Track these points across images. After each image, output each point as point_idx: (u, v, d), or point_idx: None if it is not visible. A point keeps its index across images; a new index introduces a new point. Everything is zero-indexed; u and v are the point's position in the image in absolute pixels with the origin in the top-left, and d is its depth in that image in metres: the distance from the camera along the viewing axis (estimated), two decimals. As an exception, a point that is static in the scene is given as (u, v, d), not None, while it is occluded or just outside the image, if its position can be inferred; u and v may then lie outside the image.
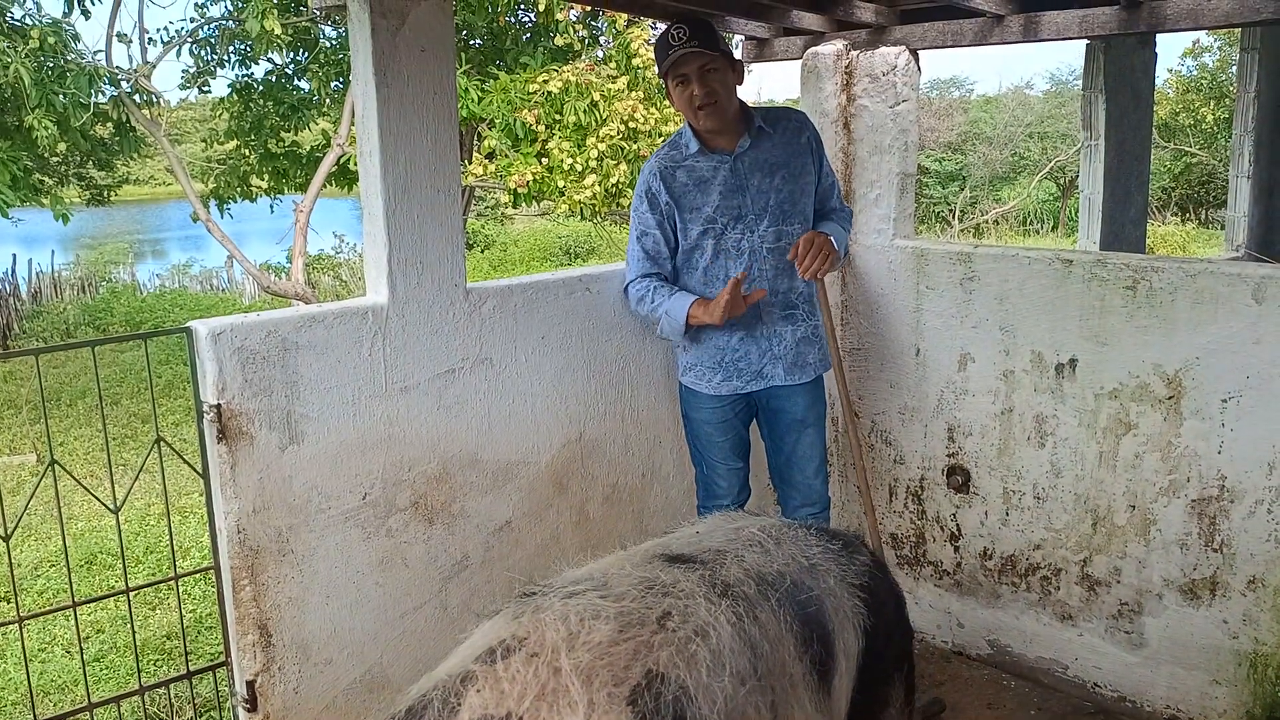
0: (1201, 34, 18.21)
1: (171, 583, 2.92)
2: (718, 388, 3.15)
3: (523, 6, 10.07)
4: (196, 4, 10.74)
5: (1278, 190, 6.08)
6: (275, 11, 8.82)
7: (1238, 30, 7.12)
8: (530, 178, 9.11)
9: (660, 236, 3.06)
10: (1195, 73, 19.95)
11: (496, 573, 3.03)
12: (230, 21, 10.24)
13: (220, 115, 11.50)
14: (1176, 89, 20.12)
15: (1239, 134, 6.06)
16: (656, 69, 3.01)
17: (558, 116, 9.01)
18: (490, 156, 9.66)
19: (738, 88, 3.03)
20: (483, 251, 19.97)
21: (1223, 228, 8.60)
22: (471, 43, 10.69)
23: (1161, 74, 21.41)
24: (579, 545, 3.24)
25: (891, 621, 2.25)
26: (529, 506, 3.10)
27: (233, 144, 11.46)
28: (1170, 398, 2.95)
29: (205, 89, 10.97)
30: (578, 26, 9.94)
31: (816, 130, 3.19)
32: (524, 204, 9.71)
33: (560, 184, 9.11)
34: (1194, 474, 2.94)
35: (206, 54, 10.64)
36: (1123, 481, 3.09)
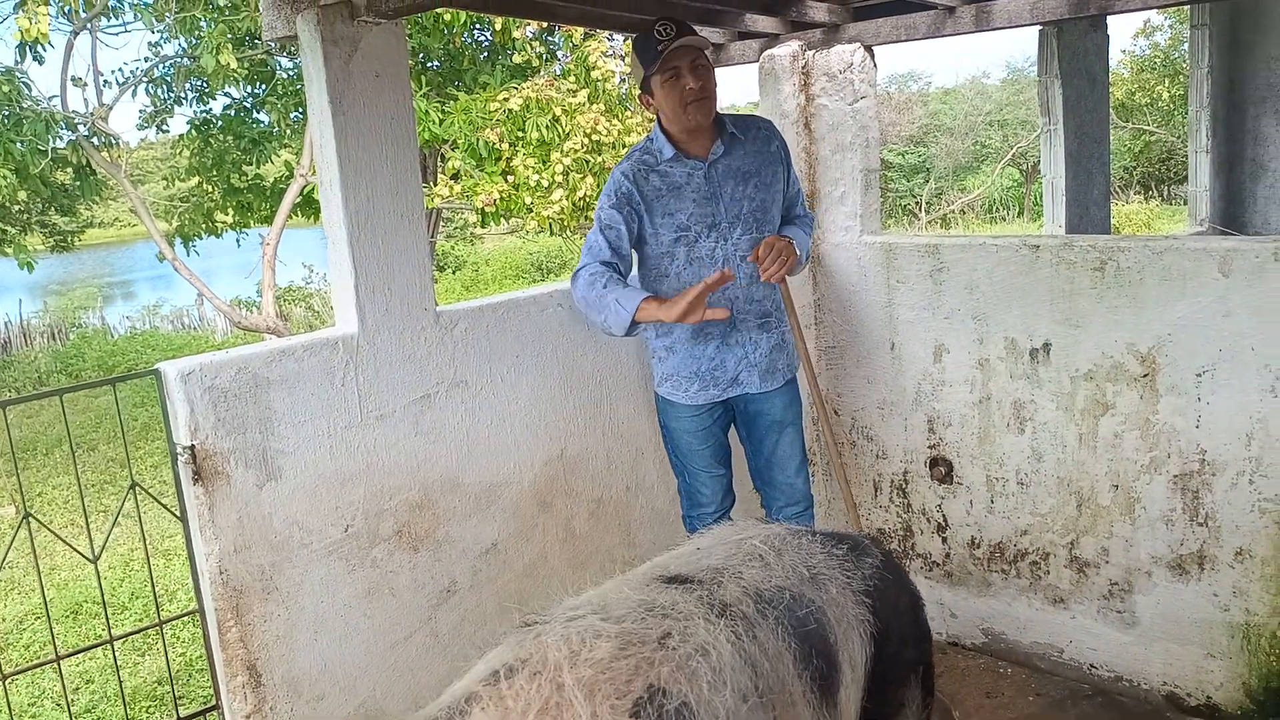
0: (1152, 13, 18.43)
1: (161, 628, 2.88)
2: (694, 396, 3.13)
3: (479, 26, 10.06)
4: (150, 43, 10.68)
5: (1237, 163, 6.16)
6: (230, 46, 8.77)
7: (1187, 8, 7.21)
8: (497, 196, 9.09)
9: (624, 232, 2.98)
10: (1148, 52, 20.20)
11: (486, 596, 3.01)
12: (185, 59, 10.18)
13: (181, 153, 11.39)
14: (1131, 69, 20.35)
15: (1195, 110, 6.14)
16: (641, 70, 2.94)
17: (520, 133, 9.00)
18: (455, 177, 9.63)
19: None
20: (454, 273, 19.93)
21: (1185, 203, 8.69)
22: (429, 65, 10.67)
23: (1115, 55, 21.67)
24: (567, 562, 3.22)
25: (906, 624, 2.23)
26: (514, 527, 3.08)
27: (195, 180, 11.37)
28: (1145, 375, 2.97)
29: (164, 128, 10.91)
30: (535, 43, 9.95)
31: (783, 137, 3.19)
32: (492, 223, 9.69)
33: (527, 200, 9.10)
34: (1174, 450, 2.96)
35: (163, 92, 10.58)
36: (1104, 462, 3.10)
